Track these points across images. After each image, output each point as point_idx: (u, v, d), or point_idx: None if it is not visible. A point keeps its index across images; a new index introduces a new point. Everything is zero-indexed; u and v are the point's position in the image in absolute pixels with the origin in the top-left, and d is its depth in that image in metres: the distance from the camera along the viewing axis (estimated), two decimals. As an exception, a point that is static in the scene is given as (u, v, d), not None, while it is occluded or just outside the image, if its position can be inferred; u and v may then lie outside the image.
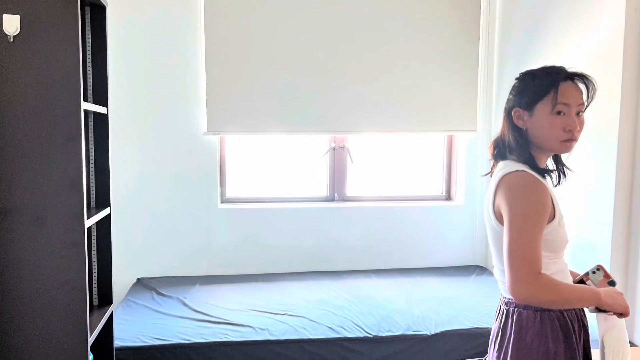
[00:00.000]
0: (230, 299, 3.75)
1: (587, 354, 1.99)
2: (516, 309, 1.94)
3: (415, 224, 4.59)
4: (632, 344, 3.05)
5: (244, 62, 4.20)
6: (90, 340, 2.43)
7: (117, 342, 2.99)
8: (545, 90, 1.88)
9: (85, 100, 2.70)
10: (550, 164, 2.06)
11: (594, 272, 2.04)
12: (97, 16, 2.79)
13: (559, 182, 2.07)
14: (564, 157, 2.09)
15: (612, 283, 2.01)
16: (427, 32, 4.38)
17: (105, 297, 2.88)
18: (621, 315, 1.91)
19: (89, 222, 2.44)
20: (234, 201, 4.50)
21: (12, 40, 2.26)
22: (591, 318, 2.01)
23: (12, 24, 2.25)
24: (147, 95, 4.21)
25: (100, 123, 2.85)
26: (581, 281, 2.05)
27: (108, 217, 2.85)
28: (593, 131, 3.21)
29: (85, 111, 2.56)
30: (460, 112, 4.49)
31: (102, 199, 2.87)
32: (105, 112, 2.81)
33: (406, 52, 4.37)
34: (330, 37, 4.29)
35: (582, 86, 1.91)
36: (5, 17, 2.24)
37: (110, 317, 2.87)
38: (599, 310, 1.92)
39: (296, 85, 4.28)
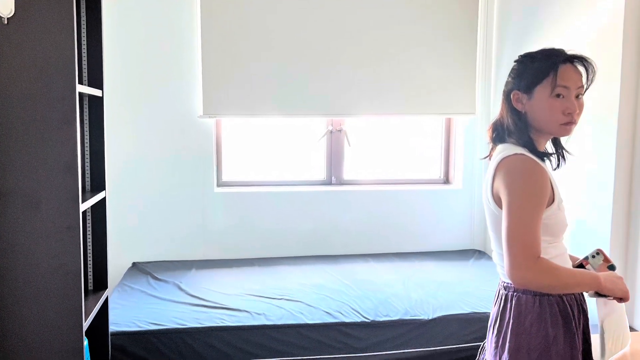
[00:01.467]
0: (226, 283, 3.74)
1: (587, 339, 1.98)
2: (515, 294, 1.93)
3: (413, 207, 4.58)
4: (632, 329, 3.05)
5: (240, 45, 4.16)
6: (85, 325, 2.42)
7: (112, 327, 2.98)
8: (545, 73, 1.86)
9: (80, 83, 2.67)
10: (549, 147, 2.04)
11: (593, 257, 2.03)
12: (92, -3, 2.75)
13: (558, 165, 2.06)
14: (563, 140, 2.07)
15: (611, 267, 2.00)
16: (425, 13, 4.33)
17: (100, 282, 2.86)
18: (621, 299, 1.91)
19: (83, 206, 2.42)
20: (230, 185, 4.47)
21: (6, 22, 2.23)
22: (591, 303, 2.00)
23: (6, 6, 2.22)
24: (143, 78, 4.17)
25: (96, 106, 2.83)
26: (580, 265, 2.04)
27: (103, 200, 2.83)
28: (593, 114, 3.19)
29: (80, 94, 2.53)
30: (459, 95, 4.46)
31: (97, 182, 2.85)
32: (101, 95, 2.78)
33: (404, 34, 4.33)
34: (327, 20, 4.25)
35: (581, 69, 1.90)
36: (-2, -2, 2.21)
37: (106, 302, 2.86)
38: (598, 294, 1.91)
39: (293, 67, 4.24)
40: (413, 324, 3.17)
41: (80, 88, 2.40)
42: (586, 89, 1.91)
